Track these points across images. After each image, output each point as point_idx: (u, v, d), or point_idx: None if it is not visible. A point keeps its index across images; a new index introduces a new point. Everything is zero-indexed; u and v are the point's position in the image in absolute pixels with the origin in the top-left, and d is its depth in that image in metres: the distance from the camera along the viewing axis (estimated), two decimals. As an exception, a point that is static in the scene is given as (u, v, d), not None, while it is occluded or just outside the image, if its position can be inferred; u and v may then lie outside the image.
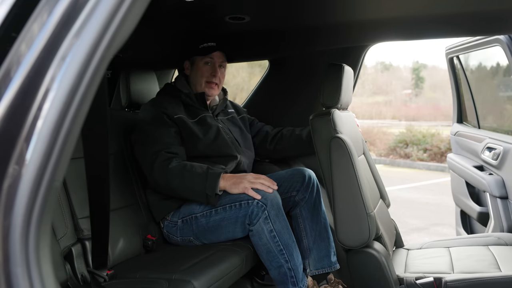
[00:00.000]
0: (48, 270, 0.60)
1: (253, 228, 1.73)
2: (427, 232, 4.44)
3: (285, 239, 1.74)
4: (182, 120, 1.94)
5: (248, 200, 1.73)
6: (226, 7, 1.72)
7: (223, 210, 1.78)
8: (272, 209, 1.72)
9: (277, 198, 1.75)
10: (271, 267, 1.76)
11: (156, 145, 1.84)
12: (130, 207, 1.89)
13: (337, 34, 2.19)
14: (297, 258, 1.77)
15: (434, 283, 1.75)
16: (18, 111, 0.58)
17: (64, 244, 1.54)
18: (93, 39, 0.56)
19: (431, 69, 23.02)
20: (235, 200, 1.76)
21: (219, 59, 2.03)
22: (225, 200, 1.78)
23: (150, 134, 1.88)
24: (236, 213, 1.75)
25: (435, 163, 8.82)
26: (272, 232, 1.72)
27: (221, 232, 1.82)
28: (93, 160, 1.21)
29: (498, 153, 2.48)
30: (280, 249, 1.73)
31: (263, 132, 2.27)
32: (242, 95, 10.60)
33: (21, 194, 0.57)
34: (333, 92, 1.89)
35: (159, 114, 1.91)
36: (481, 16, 1.78)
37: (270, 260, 1.75)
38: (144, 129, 1.91)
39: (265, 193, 1.73)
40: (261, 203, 1.71)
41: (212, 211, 1.80)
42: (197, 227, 1.84)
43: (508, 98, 2.91)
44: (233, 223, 1.77)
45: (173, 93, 2.04)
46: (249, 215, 1.72)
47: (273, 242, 1.72)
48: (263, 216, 1.71)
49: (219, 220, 1.79)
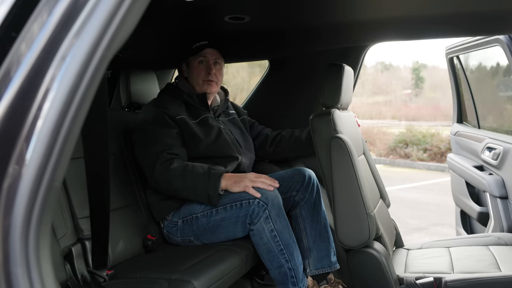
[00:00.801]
0: (48, 270, 0.60)
1: (254, 227, 1.73)
2: (427, 232, 4.44)
3: (285, 239, 1.74)
4: (184, 121, 1.93)
5: (249, 200, 1.73)
6: (226, 7, 1.72)
7: (224, 209, 1.78)
8: (273, 208, 1.72)
9: (278, 198, 1.75)
10: (272, 266, 1.76)
11: (157, 146, 1.84)
12: (130, 207, 1.89)
13: (337, 34, 2.19)
14: (297, 258, 1.77)
15: (434, 283, 1.75)
16: (18, 111, 0.58)
17: (64, 244, 1.54)
18: (93, 39, 0.56)
19: (431, 69, 23.02)
20: (236, 199, 1.76)
21: (212, 56, 2.01)
22: (225, 199, 1.78)
23: (152, 134, 1.88)
24: (237, 213, 1.75)
25: (435, 163, 8.82)
26: (273, 231, 1.72)
27: (222, 232, 1.81)
28: (93, 160, 1.21)
29: (498, 153, 2.48)
30: (281, 248, 1.73)
31: (263, 134, 2.27)
32: (242, 95, 10.60)
33: (21, 194, 0.57)
34: (333, 92, 1.89)
35: (161, 115, 1.90)
36: (481, 16, 1.78)
37: (271, 259, 1.75)
38: (145, 129, 1.91)
39: (266, 192, 1.73)
40: (262, 202, 1.71)
41: (213, 211, 1.80)
42: (198, 227, 1.84)
43: (508, 98, 2.91)
44: (233, 223, 1.77)
45: (174, 93, 2.04)
46: (250, 215, 1.72)
47: (273, 241, 1.72)
48: (264, 216, 1.71)
49: (219, 220, 1.79)
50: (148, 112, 1.96)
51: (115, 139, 1.95)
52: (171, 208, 1.90)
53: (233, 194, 1.77)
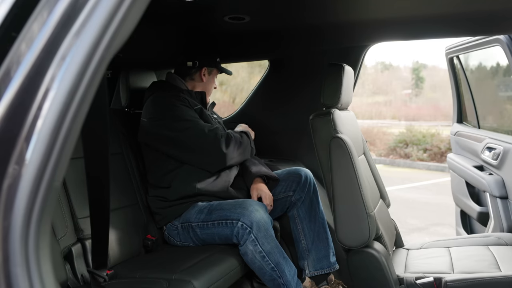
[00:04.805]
0: (48, 270, 0.60)
1: (241, 248, 1.73)
2: (427, 232, 4.44)
3: (275, 258, 1.72)
4: (200, 109, 1.96)
5: (233, 220, 1.72)
6: (226, 7, 1.72)
7: (213, 225, 1.79)
8: (259, 231, 1.69)
9: (264, 219, 1.73)
10: (265, 280, 1.77)
11: (203, 125, 1.88)
12: (130, 207, 1.89)
13: (337, 34, 2.19)
14: (289, 272, 1.76)
15: (434, 283, 1.75)
16: (18, 111, 0.57)
17: (64, 244, 1.54)
18: (93, 39, 0.56)
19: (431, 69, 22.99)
20: (222, 217, 1.76)
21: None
22: (214, 215, 1.79)
23: (187, 115, 1.88)
24: (224, 231, 1.76)
25: (435, 163, 8.81)
26: (262, 253, 1.70)
27: (216, 243, 1.82)
28: (93, 160, 1.21)
29: (498, 153, 2.48)
30: (272, 267, 1.72)
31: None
32: (242, 95, 10.59)
33: (21, 194, 0.57)
34: (333, 92, 1.89)
35: (182, 99, 1.92)
36: (481, 16, 1.78)
37: (262, 275, 1.76)
38: (175, 113, 1.87)
39: (250, 215, 1.71)
40: (245, 225, 1.69)
41: (204, 224, 1.81)
42: (194, 235, 1.85)
43: (508, 98, 2.91)
44: (223, 239, 1.78)
45: (177, 89, 2.01)
46: (235, 235, 1.72)
47: (263, 261, 1.71)
48: (250, 239, 1.69)
49: (211, 234, 1.81)
50: (165, 102, 1.91)
51: (115, 139, 1.95)
52: (175, 215, 1.89)
53: (222, 211, 1.77)
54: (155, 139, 1.90)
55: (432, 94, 19.67)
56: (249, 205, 1.74)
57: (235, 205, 1.77)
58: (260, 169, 1.99)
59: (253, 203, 1.77)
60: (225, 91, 10.63)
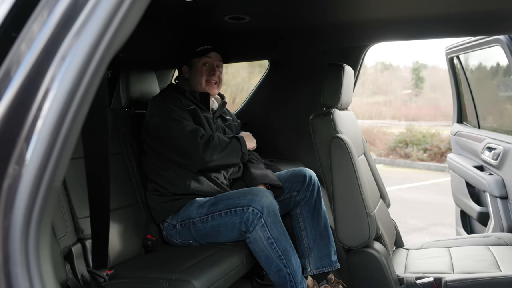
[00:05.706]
0: (48, 270, 0.60)
1: (250, 235, 1.73)
2: (427, 232, 4.44)
3: (283, 245, 1.73)
4: (194, 110, 1.97)
5: (243, 207, 1.73)
6: (226, 7, 1.72)
7: (219, 216, 1.78)
8: (268, 216, 1.70)
9: (273, 205, 1.74)
10: (270, 271, 1.76)
11: (189, 125, 1.88)
12: (130, 207, 1.89)
13: (337, 34, 2.19)
14: (295, 262, 1.76)
15: (434, 283, 1.75)
16: (18, 111, 0.57)
17: (64, 244, 1.54)
18: (93, 39, 0.56)
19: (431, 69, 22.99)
20: (230, 206, 1.76)
21: (216, 59, 2.06)
22: (221, 205, 1.78)
23: (175, 117, 1.89)
24: (232, 219, 1.75)
25: (435, 163, 8.82)
26: (270, 239, 1.71)
27: (219, 237, 1.82)
28: (93, 160, 1.21)
29: (498, 153, 2.48)
30: (279, 255, 1.72)
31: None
32: (242, 95, 10.59)
33: (21, 194, 0.57)
34: (333, 92, 1.89)
35: (176, 100, 1.94)
36: (481, 16, 1.78)
37: (269, 265, 1.75)
38: (165, 116, 1.91)
39: (261, 200, 1.72)
40: (256, 210, 1.70)
41: (209, 217, 1.81)
42: (196, 231, 1.84)
43: (508, 98, 2.91)
44: (230, 229, 1.77)
45: (177, 90, 2.05)
46: (245, 222, 1.72)
47: (271, 248, 1.71)
48: (260, 224, 1.70)
49: (216, 226, 1.80)
50: (159, 102, 1.97)
51: (115, 139, 1.95)
52: (171, 211, 1.90)
53: (229, 200, 1.78)
54: (149, 137, 1.96)
55: (432, 94, 19.68)
56: (258, 191, 1.76)
57: (244, 193, 1.78)
58: (266, 176, 1.99)
59: (262, 190, 1.78)
60: (225, 91, 10.62)
